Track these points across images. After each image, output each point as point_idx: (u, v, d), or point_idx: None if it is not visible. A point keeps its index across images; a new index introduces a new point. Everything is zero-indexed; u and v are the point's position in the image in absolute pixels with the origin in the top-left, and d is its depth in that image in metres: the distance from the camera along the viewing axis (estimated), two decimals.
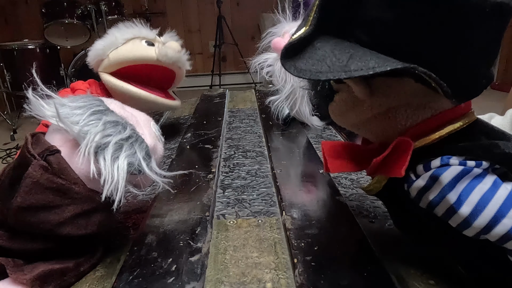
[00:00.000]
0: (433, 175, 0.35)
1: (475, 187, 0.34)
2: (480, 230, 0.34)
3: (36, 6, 3.14)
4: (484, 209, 0.33)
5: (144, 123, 0.46)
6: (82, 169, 0.41)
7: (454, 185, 0.34)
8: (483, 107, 0.75)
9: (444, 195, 0.35)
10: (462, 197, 0.34)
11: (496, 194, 0.33)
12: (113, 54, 0.82)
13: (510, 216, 0.32)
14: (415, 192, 0.37)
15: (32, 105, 0.42)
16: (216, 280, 0.41)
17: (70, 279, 0.43)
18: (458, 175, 0.34)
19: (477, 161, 0.34)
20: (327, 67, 0.32)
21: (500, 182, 0.34)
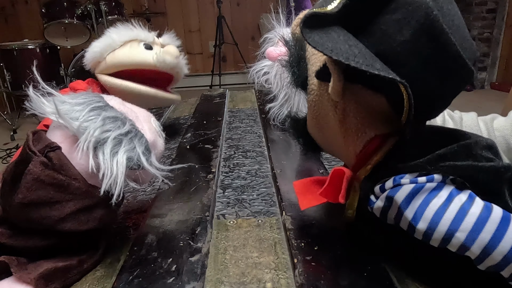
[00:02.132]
0: (388, 196, 0.38)
1: (430, 202, 0.35)
2: (439, 243, 0.35)
3: (36, 6, 3.15)
4: (438, 225, 0.34)
5: (144, 118, 0.47)
6: (82, 165, 0.41)
7: (409, 203, 0.36)
8: (483, 107, 0.75)
9: (402, 213, 0.37)
10: (418, 214, 0.35)
11: (449, 208, 0.34)
12: (110, 57, 0.81)
13: (462, 230, 0.34)
14: (378, 212, 0.40)
15: (33, 102, 0.42)
16: (216, 280, 0.41)
17: (74, 276, 0.43)
18: (410, 193, 0.36)
19: (428, 176, 0.36)
20: (339, 49, 0.35)
21: (456, 193, 0.35)
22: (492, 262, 0.34)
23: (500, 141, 0.67)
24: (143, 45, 0.83)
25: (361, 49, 0.36)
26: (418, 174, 0.37)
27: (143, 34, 0.84)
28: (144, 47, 0.83)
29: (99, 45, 0.82)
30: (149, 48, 0.83)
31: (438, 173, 0.36)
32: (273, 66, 0.93)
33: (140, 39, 0.83)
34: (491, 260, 0.33)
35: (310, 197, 0.47)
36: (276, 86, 0.92)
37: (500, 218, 0.33)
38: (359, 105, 0.41)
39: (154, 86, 0.88)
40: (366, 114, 0.41)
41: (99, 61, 0.82)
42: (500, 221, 0.33)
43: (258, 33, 2.53)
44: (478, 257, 0.34)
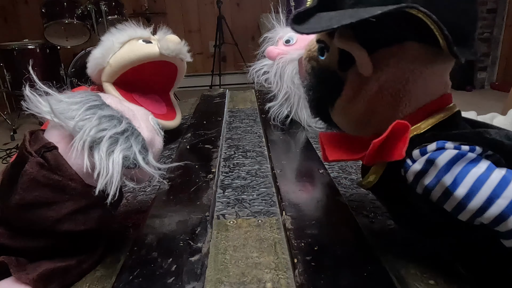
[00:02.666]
0: (429, 159, 0.36)
1: (470, 170, 0.35)
2: (474, 212, 0.34)
3: (36, 6, 3.14)
4: (479, 190, 0.34)
5: (141, 116, 0.46)
6: (79, 165, 0.41)
7: (450, 168, 0.35)
8: (483, 107, 0.75)
9: (440, 178, 0.36)
10: (458, 180, 0.35)
11: (491, 176, 0.34)
12: (114, 59, 0.80)
13: (505, 196, 0.33)
14: (411, 177, 0.38)
15: (29, 102, 0.42)
16: (216, 280, 0.41)
17: (73, 277, 0.43)
18: (453, 158, 0.35)
19: (471, 146, 0.35)
20: (337, 20, 0.34)
21: (494, 167, 0.35)
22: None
23: None
24: (142, 41, 0.83)
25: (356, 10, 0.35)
26: (462, 142, 0.36)
27: (139, 31, 0.83)
28: (144, 43, 0.82)
29: (99, 51, 0.81)
30: (149, 43, 0.83)
31: (480, 146, 0.35)
32: (272, 65, 0.93)
33: (137, 37, 0.83)
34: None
35: (338, 151, 0.45)
36: (276, 85, 0.92)
37: None
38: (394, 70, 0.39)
39: (160, 90, 0.88)
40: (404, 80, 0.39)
41: (103, 66, 0.82)
42: None
43: (258, 33, 2.52)
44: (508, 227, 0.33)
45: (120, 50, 0.80)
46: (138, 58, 0.80)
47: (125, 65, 0.80)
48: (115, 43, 0.80)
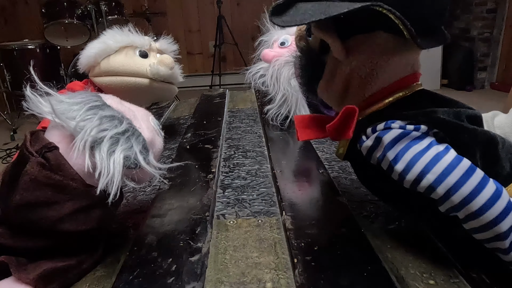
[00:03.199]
0: (378, 136, 0.42)
1: (411, 147, 0.40)
2: (411, 183, 0.40)
3: (36, 6, 3.15)
4: (414, 166, 0.39)
5: (142, 117, 0.46)
6: (80, 165, 0.41)
7: (393, 145, 0.41)
8: (483, 107, 0.75)
9: (385, 153, 0.41)
10: (398, 156, 0.40)
11: (427, 153, 0.39)
12: (104, 63, 0.81)
13: (433, 172, 0.38)
14: (365, 151, 0.44)
15: (30, 103, 0.42)
16: (216, 280, 0.41)
17: (73, 277, 0.43)
18: (397, 136, 0.41)
19: (416, 125, 0.40)
20: (309, 15, 0.39)
21: (435, 143, 0.40)
22: (452, 204, 0.38)
23: None
24: (139, 52, 0.82)
25: (328, 4, 0.39)
26: (408, 122, 0.41)
27: (139, 41, 0.83)
28: (139, 55, 0.82)
29: (93, 51, 0.81)
30: (145, 55, 0.83)
31: (425, 125, 0.40)
32: (268, 68, 0.94)
33: (135, 46, 0.83)
34: (451, 202, 0.38)
35: (309, 131, 0.51)
36: (273, 88, 0.93)
37: (467, 168, 0.38)
38: (365, 54, 0.44)
39: None
40: (373, 62, 0.44)
41: (93, 65, 0.82)
42: (466, 169, 0.38)
43: (258, 33, 2.55)
44: (441, 198, 0.38)
45: (114, 56, 0.81)
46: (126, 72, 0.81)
47: (112, 73, 0.81)
48: (112, 46, 0.80)
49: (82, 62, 0.84)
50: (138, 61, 0.81)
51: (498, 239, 0.38)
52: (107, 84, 0.82)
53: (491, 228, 0.37)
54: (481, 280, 0.41)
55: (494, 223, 0.37)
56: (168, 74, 0.83)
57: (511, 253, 0.38)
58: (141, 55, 0.82)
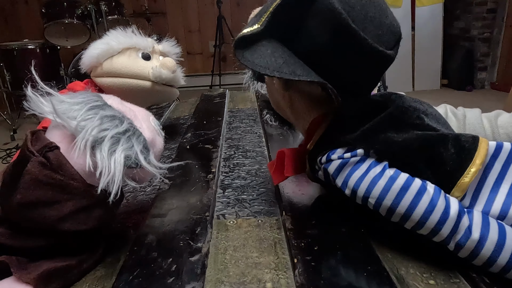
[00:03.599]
0: (324, 168, 0.48)
1: (352, 175, 0.45)
2: (361, 204, 0.45)
3: (36, 6, 3.15)
4: (357, 192, 0.44)
5: (142, 117, 0.46)
6: (81, 164, 0.41)
7: (338, 174, 0.46)
8: (483, 107, 0.75)
9: (335, 181, 0.47)
10: (344, 183, 0.45)
11: (365, 179, 0.43)
12: (107, 64, 0.81)
13: (372, 197, 0.43)
14: (322, 178, 0.50)
15: (31, 102, 0.42)
16: (216, 280, 0.41)
17: (74, 276, 0.43)
18: (338, 167, 0.46)
19: (352, 151, 0.45)
20: (266, 63, 0.43)
21: (374, 165, 0.44)
22: (396, 219, 0.43)
23: (504, 138, 0.66)
24: (141, 54, 0.82)
25: (286, 58, 0.44)
26: (347, 149, 0.45)
27: (142, 43, 0.83)
28: (142, 57, 0.82)
29: (96, 52, 0.81)
30: (147, 57, 0.83)
31: (361, 149, 0.44)
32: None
33: (138, 48, 0.83)
34: (395, 218, 0.43)
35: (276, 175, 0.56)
36: None
37: (400, 189, 0.42)
38: (301, 93, 0.51)
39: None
40: (307, 100, 0.51)
41: (96, 66, 0.82)
42: (399, 190, 0.42)
43: None
44: (386, 216, 0.43)
45: (117, 57, 0.81)
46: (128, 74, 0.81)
47: (115, 74, 0.81)
48: (115, 47, 0.80)
49: (84, 62, 0.84)
50: (141, 63, 0.81)
51: (445, 243, 0.41)
52: (108, 85, 0.82)
53: (435, 235, 0.41)
54: (481, 280, 0.41)
55: (435, 231, 0.41)
56: (170, 78, 0.83)
57: (459, 253, 0.41)
58: (143, 57, 0.82)
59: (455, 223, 0.40)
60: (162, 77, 0.82)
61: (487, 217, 0.41)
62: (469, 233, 0.40)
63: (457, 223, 0.40)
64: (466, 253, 0.40)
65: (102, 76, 0.82)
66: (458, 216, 0.40)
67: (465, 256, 0.41)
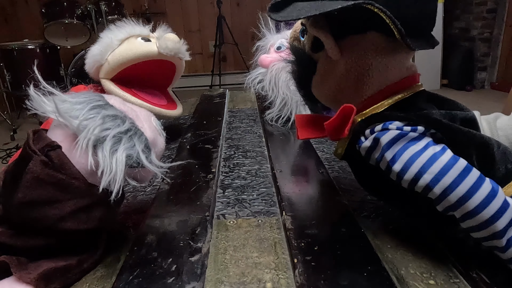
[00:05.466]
0: (376, 138, 0.43)
1: (408, 148, 0.41)
2: (409, 182, 0.41)
3: (36, 6, 3.15)
4: (411, 166, 0.40)
5: (144, 117, 0.47)
6: (82, 164, 0.41)
7: (391, 146, 0.42)
8: (483, 107, 0.75)
9: (383, 154, 0.42)
10: (396, 156, 0.41)
11: (423, 154, 0.40)
12: (112, 57, 0.80)
13: (430, 172, 0.39)
14: (364, 152, 0.45)
15: (33, 102, 0.42)
16: (216, 280, 0.41)
17: (74, 276, 0.43)
18: (394, 137, 0.41)
19: (413, 126, 0.41)
20: (305, 11, 0.41)
21: (432, 144, 0.41)
22: (449, 203, 0.39)
23: (503, 141, 0.67)
24: (141, 39, 0.82)
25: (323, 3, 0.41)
26: (406, 123, 0.42)
27: (138, 29, 0.83)
28: (143, 41, 0.82)
29: (98, 48, 0.80)
30: (148, 41, 0.83)
31: (422, 126, 0.41)
32: (266, 73, 0.94)
33: (136, 35, 0.82)
34: (448, 201, 0.39)
35: (309, 130, 0.53)
36: (272, 92, 0.93)
37: (463, 168, 0.38)
38: (358, 53, 0.45)
39: (158, 86, 0.87)
40: (367, 62, 0.45)
41: (101, 64, 0.81)
42: (462, 170, 0.38)
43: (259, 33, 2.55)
44: (438, 198, 0.39)
45: (119, 48, 0.80)
46: (136, 56, 0.79)
47: (123, 63, 0.79)
48: (113, 40, 0.80)
49: (89, 63, 0.82)
50: (144, 43, 0.81)
51: (495, 238, 0.38)
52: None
53: (488, 227, 0.38)
54: (481, 280, 0.41)
55: (490, 221, 0.37)
56: (177, 47, 0.82)
57: (508, 251, 0.38)
58: (144, 41, 0.82)
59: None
60: (169, 47, 0.80)
61: None
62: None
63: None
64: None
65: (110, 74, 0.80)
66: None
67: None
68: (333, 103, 0.51)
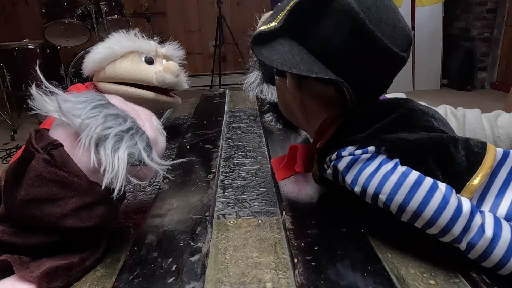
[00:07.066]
0: (334, 166, 0.48)
1: (363, 171, 0.44)
2: (371, 201, 0.45)
3: (36, 6, 3.15)
4: (367, 188, 0.44)
5: (145, 116, 0.47)
6: (84, 162, 0.42)
7: (348, 171, 0.46)
8: (483, 107, 0.75)
9: (344, 178, 0.46)
10: (354, 180, 0.45)
11: (376, 175, 0.43)
12: (110, 68, 0.80)
13: (383, 192, 0.43)
14: (330, 178, 0.50)
15: (36, 101, 0.42)
16: (216, 280, 0.41)
17: (76, 274, 0.43)
18: (349, 163, 0.46)
19: (363, 149, 0.45)
20: (284, 60, 0.44)
21: (385, 162, 0.44)
22: (407, 216, 0.42)
23: (504, 139, 0.67)
24: (144, 58, 0.82)
25: (302, 56, 0.44)
26: (358, 146, 0.45)
27: (146, 47, 0.82)
28: (145, 61, 0.81)
29: (99, 56, 0.80)
30: (150, 61, 0.82)
31: (373, 146, 0.44)
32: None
33: (141, 51, 0.82)
34: (406, 215, 0.42)
35: (283, 170, 0.58)
36: (271, 96, 0.93)
37: (413, 183, 0.41)
38: (313, 94, 0.51)
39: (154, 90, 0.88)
40: (319, 101, 0.51)
41: (98, 70, 0.82)
42: (412, 185, 0.41)
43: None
44: (397, 213, 0.43)
45: (120, 61, 0.80)
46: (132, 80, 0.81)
47: (118, 79, 0.80)
48: (117, 51, 0.80)
49: (86, 66, 0.83)
50: (144, 67, 0.81)
51: (456, 242, 0.41)
52: (110, 91, 0.81)
53: (446, 234, 0.40)
54: (481, 280, 0.41)
55: (446, 229, 0.40)
56: (174, 82, 0.83)
57: (470, 253, 0.40)
58: (146, 61, 0.82)
59: (467, 220, 0.39)
60: (166, 82, 0.81)
61: (498, 217, 0.41)
62: (482, 231, 0.39)
63: (470, 220, 0.39)
64: (478, 253, 0.40)
65: (104, 81, 0.82)
66: (471, 213, 0.40)
67: (476, 257, 0.40)
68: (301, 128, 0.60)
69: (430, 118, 0.47)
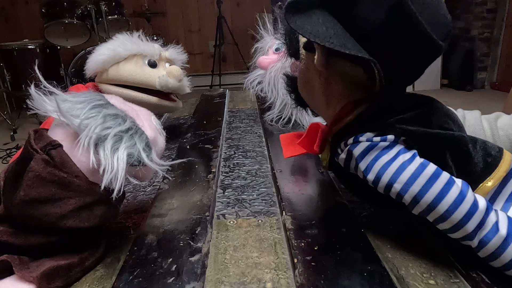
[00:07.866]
0: (349, 150, 0.46)
1: (379, 158, 0.43)
2: (383, 190, 0.43)
3: (36, 6, 3.14)
4: (382, 176, 0.42)
5: (144, 116, 0.47)
6: (83, 162, 0.41)
7: (363, 157, 0.44)
8: (483, 107, 0.75)
9: (358, 165, 0.45)
10: (369, 167, 0.44)
11: (393, 164, 0.42)
12: (113, 70, 0.80)
13: (399, 182, 0.41)
14: (342, 163, 0.48)
15: (35, 101, 0.42)
16: (216, 280, 0.41)
17: (76, 274, 0.43)
18: (365, 149, 0.44)
19: (382, 136, 0.43)
20: (317, 31, 0.41)
21: (403, 152, 0.43)
22: (420, 208, 0.41)
23: (504, 141, 0.66)
24: (148, 61, 0.82)
25: (337, 31, 0.41)
26: (377, 133, 0.44)
27: (149, 50, 0.82)
28: (148, 64, 0.81)
29: (102, 56, 0.80)
30: (154, 65, 0.82)
31: (392, 134, 0.43)
32: (265, 74, 0.94)
33: (145, 55, 0.82)
34: (419, 207, 0.41)
35: (292, 148, 0.56)
36: (271, 94, 0.93)
37: (431, 175, 0.40)
38: (340, 74, 0.48)
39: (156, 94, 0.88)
40: (345, 83, 0.48)
41: (101, 72, 0.82)
42: (430, 177, 0.40)
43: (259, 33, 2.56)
44: (410, 204, 0.42)
45: (123, 64, 0.80)
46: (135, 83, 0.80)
47: (120, 81, 0.80)
48: (121, 54, 0.79)
49: (89, 67, 0.83)
50: (147, 71, 0.81)
51: (467, 239, 0.40)
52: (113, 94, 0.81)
53: (459, 229, 0.40)
54: (481, 280, 0.41)
55: (460, 225, 0.39)
56: (177, 86, 0.83)
57: (481, 250, 0.40)
58: (150, 64, 0.81)
59: (483, 216, 0.39)
60: (169, 86, 0.81)
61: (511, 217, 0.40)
62: (496, 229, 0.39)
63: (485, 217, 0.39)
64: (489, 251, 0.39)
65: (107, 82, 0.81)
66: (486, 210, 0.39)
67: (487, 255, 0.40)
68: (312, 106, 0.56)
69: (450, 121, 0.47)
